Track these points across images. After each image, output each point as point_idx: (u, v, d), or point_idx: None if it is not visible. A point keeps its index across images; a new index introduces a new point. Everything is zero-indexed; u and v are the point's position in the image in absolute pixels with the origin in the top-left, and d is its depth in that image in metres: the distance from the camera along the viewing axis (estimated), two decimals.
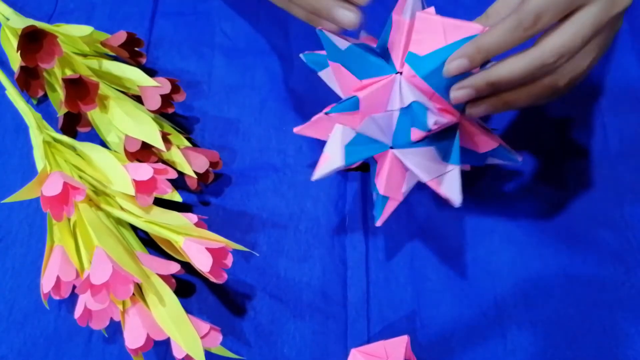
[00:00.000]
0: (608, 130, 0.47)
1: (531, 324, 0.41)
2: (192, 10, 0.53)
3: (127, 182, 0.39)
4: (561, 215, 0.44)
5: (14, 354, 0.40)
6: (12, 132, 0.47)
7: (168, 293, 0.37)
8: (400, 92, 0.34)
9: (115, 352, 0.40)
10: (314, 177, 0.38)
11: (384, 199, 0.38)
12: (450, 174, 0.36)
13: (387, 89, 0.34)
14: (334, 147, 0.38)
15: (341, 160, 0.37)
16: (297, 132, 0.40)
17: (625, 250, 0.43)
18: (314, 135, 0.40)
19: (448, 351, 0.40)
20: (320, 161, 0.38)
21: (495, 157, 0.38)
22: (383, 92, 0.34)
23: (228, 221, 0.44)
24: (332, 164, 0.37)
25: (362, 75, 0.35)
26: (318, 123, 0.39)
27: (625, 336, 0.41)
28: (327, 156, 0.38)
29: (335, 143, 0.38)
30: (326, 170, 0.37)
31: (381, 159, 0.37)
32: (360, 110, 0.34)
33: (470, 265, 0.43)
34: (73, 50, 0.46)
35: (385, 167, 0.36)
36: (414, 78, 0.34)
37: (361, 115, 0.35)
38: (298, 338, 0.41)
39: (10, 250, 0.43)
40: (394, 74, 0.34)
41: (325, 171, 0.37)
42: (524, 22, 0.30)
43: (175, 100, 0.45)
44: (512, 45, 0.31)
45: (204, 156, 0.43)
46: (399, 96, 0.34)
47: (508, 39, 0.31)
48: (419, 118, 0.32)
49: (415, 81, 0.34)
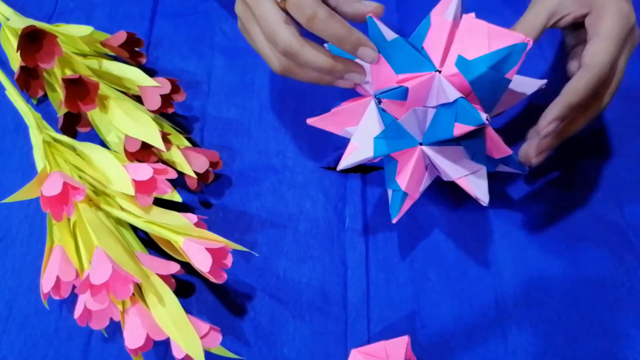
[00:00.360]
0: (608, 130, 0.47)
1: (531, 324, 0.41)
2: (192, 10, 0.53)
3: (127, 182, 0.39)
4: (561, 216, 0.44)
5: (15, 354, 0.40)
6: (12, 132, 0.47)
7: (168, 293, 0.37)
8: (439, 89, 0.35)
9: (114, 352, 0.40)
10: (340, 167, 0.38)
11: (403, 195, 0.38)
12: (478, 174, 0.37)
13: (427, 85, 0.35)
14: (362, 138, 0.38)
15: (370, 151, 0.37)
16: (311, 124, 0.40)
17: (625, 250, 0.43)
18: (328, 127, 0.40)
19: (448, 351, 0.40)
20: (347, 151, 0.38)
21: (506, 165, 0.40)
22: (424, 88, 0.35)
23: (228, 221, 0.44)
24: (360, 155, 0.38)
25: (402, 69, 0.35)
26: (335, 116, 0.40)
27: (626, 337, 0.41)
28: (355, 146, 0.38)
29: (363, 134, 0.38)
30: (354, 160, 0.38)
31: (406, 156, 0.37)
32: (407, 102, 0.35)
33: (470, 265, 0.43)
34: (73, 50, 0.46)
35: (411, 164, 0.37)
36: (453, 77, 0.34)
37: (407, 106, 0.35)
38: (298, 338, 0.41)
39: (10, 250, 0.43)
40: (433, 71, 0.35)
41: (352, 161, 0.38)
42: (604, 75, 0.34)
43: (175, 100, 0.45)
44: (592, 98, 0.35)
45: (204, 156, 0.43)
46: (436, 93, 0.35)
47: (592, 93, 0.34)
48: (469, 112, 0.33)
49: (454, 80, 0.34)
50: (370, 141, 0.37)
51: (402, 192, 0.38)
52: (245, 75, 0.50)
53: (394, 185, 0.38)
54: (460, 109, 0.33)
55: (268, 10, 0.34)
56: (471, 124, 0.33)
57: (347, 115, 0.39)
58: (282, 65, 0.37)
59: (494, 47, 0.34)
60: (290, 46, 0.34)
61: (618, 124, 0.48)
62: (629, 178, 0.46)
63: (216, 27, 0.52)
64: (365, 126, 0.38)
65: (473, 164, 0.37)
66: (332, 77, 0.37)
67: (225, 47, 0.51)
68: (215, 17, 0.52)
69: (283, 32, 0.34)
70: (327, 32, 0.34)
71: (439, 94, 0.35)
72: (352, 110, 0.39)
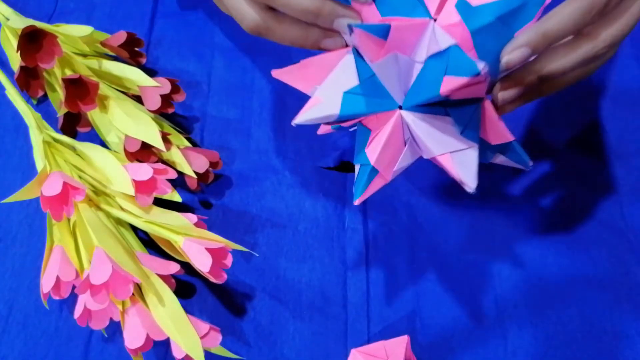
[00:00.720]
0: (607, 130, 0.47)
1: (531, 324, 0.41)
2: (192, 10, 0.53)
3: (127, 182, 0.39)
4: (561, 215, 0.44)
5: (15, 354, 0.40)
6: (12, 132, 0.47)
7: (168, 293, 0.37)
8: (431, 40, 0.28)
9: (114, 352, 0.40)
10: (295, 121, 0.31)
11: (371, 172, 0.31)
12: (467, 153, 0.30)
13: (417, 33, 0.28)
14: (329, 90, 0.31)
15: (336, 107, 0.30)
16: (276, 76, 0.33)
17: (625, 250, 0.43)
18: (295, 83, 0.33)
19: (448, 351, 0.40)
20: (308, 104, 0.31)
21: (505, 155, 0.33)
22: (412, 34, 0.28)
23: (228, 221, 0.44)
24: (323, 109, 0.30)
25: (388, 10, 0.29)
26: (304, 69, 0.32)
27: (626, 337, 0.41)
28: (319, 99, 0.31)
29: (332, 86, 0.31)
30: (313, 116, 0.30)
31: (381, 122, 0.31)
32: (387, 42, 0.28)
33: (470, 265, 0.43)
34: (73, 50, 0.46)
35: (385, 132, 0.30)
36: (453, 28, 0.28)
37: (386, 47, 0.28)
38: (298, 338, 0.41)
39: (10, 250, 0.43)
40: (427, 18, 0.28)
41: (312, 116, 0.30)
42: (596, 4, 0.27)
43: (175, 100, 0.45)
44: (578, 30, 0.28)
45: (204, 156, 0.43)
46: (427, 45, 0.28)
47: (576, 24, 0.28)
48: (462, 61, 0.26)
49: (453, 31, 0.28)
50: (338, 95, 0.30)
51: (370, 167, 0.31)
52: (245, 75, 0.50)
53: (362, 158, 0.31)
54: (453, 57, 0.27)
55: None
56: (464, 74, 0.26)
57: (319, 69, 0.31)
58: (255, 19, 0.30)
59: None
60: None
61: (618, 124, 0.48)
62: (629, 178, 0.46)
63: (216, 27, 0.52)
64: (337, 78, 0.31)
65: (462, 140, 0.30)
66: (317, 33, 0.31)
67: (225, 47, 0.51)
68: (216, 17, 0.52)
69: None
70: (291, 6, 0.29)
71: (430, 46, 0.28)
72: (324, 63, 0.31)
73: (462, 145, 0.30)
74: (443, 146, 0.30)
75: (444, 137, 0.30)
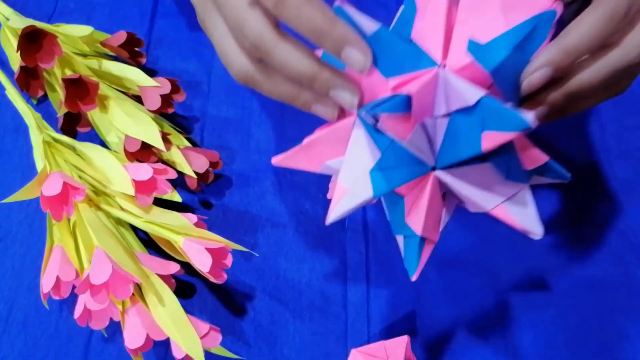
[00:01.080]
0: (607, 131, 0.47)
1: (531, 324, 0.41)
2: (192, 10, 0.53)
3: (127, 182, 0.39)
4: (561, 216, 0.44)
5: (15, 354, 0.40)
6: (12, 132, 0.47)
7: (168, 293, 0.37)
8: (447, 90, 0.25)
9: (114, 352, 0.40)
10: (329, 219, 0.28)
11: (421, 242, 0.29)
12: (520, 196, 0.28)
13: (432, 88, 0.25)
14: (352, 175, 0.27)
15: (368, 190, 0.27)
16: (277, 164, 0.31)
17: (625, 250, 0.43)
18: (301, 166, 0.30)
19: (448, 352, 0.40)
20: (337, 196, 0.28)
21: (542, 175, 0.30)
22: (429, 91, 0.25)
23: (228, 221, 0.44)
24: (355, 198, 0.27)
25: (391, 70, 0.26)
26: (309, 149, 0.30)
27: (626, 337, 0.41)
28: (345, 188, 0.27)
29: (354, 169, 0.27)
30: (348, 207, 0.27)
31: (416, 188, 0.28)
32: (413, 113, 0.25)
33: (470, 265, 0.43)
34: (73, 50, 0.46)
35: (425, 198, 0.27)
36: (464, 71, 0.25)
37: (413, 120, 0.25)
38: (298, 338, 0.41)
39: (10, 250, 0.43)
40: (434, 67, 0.25)
41: (346, 208, 0.27)
42: (618, 12, 0.25)
43: (175, 100, 0.45)
44: (602, 42, 0.26)
45: (204, 156, 0.43)
46: (444, 97, 0.26)
47: (599, 36, 0.26)
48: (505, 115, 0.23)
49: (466, 74, 0.25)
50: (365, 177, 0.27)
51: (418, 238, 0.29)
52: None
53: (405, 230, 0.29)
54: (489, 111, 0.24)
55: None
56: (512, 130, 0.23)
57: (325, 146, 0.29)
58: (244, 69, 0.28)
59: (513, 22, 0.25)
60: (262, 38, 0.25)
61: (618, 124, 0.48)
62: (629, 178, 0.46)
63: None
64: (354, 158, 0.28)
65: (510, 185, 0.27)
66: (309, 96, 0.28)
67: None
68: None
69: (253, 20, 0.25)
70: (301, 21, 0.25)
71: (448, 97, 0.25)
72: (330, 138, 0.29)
73: (512, 191, 0.28)
74: (493, 198, 0.28)
75: (491, 188, 0.27)
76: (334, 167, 0.29)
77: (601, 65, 0.27)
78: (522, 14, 0.25)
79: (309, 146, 0.29)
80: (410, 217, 0.29)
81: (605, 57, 0.27)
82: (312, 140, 0.29)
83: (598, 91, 0.28)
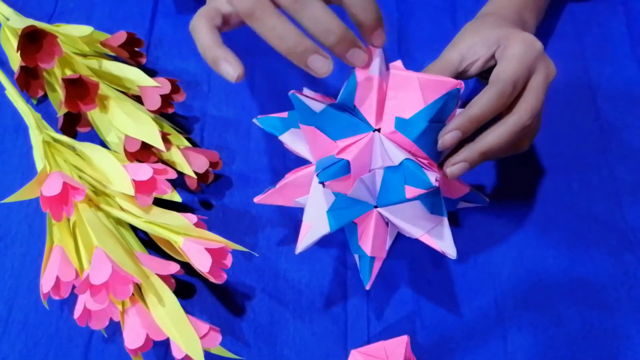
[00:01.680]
0: (607, 131, 0.47)
1: (531, 324, 0.41)
2: (192, 10, 0.53)
3: (127, 182, 0.39)
4: (561, 216, 0.44)
5: (15, 354, 0.40)
6: (12, 132, 0.47)
7: (167, 293, 0.37)
8: (381, 150, 0.34)
9: (114, 352, 0.40)
10: (298, 250, 0.36)
11: (371, 260, 0.37)
12: (440, 226, 0.36)
13: (368, 149, 0.33)
14: (313, 214, 0.36)
15: (326, 226, 0.35)
16: (259, 202, 0.38)
17: (625, 250, 0.43)
18: (277, 202, 0.38)
19: (448, 352, 0.40)
20: (302, 231, 0.36)
21: (466, 201, 0.39)
22: (366, 152, 0.33)
23: (228, 221, 0.44)
24: (316, 233, 0.35)
25: (337, 135, 0.34)
26: (282, 190, 0.38)
27: (626, 337, 0.40)
28: (309, 225, 0.36)
29: (314, 210, 0.36)
30: (311, 241, 0.36)
31: (364, 220, 0.36)
32: (352, 174, 0.33)
33: (470, 266, 0.43)
34: (73, 50, 0.46)
35: (371, 228, 0.36)
36: (393, 135, 0.33)
37: (352, 178, 0.33)
38: (298, 339, 0.41)
39: (9, 250, 0.43)
40: (370, 132, 0.33)
41: (309, 241, 0.36)
42: (505, 90, 0.34)
43: (175, 100, 0.45)
44: (496, 112, 0.35)
45: (204, 156, 0.43)
46: (380, 154, 0.34)
47: (493, 107, 0.34)
48: (417, 175, 0.32)
49: (395, 137, 0.33)
50: (323, 216, 0.35)
51: (368, 257, 0.36)
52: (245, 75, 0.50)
53: (359, 251, 0.37)
54: (407, 171, 0.32)
55: None
56: (422, 187, 0.31)
57: (294, 188, 0.37)
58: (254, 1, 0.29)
59: (429, 99, 0.33)
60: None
61: (617, 125, 0.48)
62: (629, 178, 0.46)
63: None
64: (314, 200, 0.36)
65: (433, 219, 0.35)
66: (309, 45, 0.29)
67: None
68: None
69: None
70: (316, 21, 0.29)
71: (382, 155, 0.34)
72: (298, 182, 0.37)
73: (434, 223, 0.35)
74: (420, 229, 0.35)
75: (418, 220, 0.35)
76: (301, 202, 0.38)
77: (502, 129, 0.35)
78: (436, 92, 0.33)
79: (281, 189, 0.37)
80: (362, 241, 0.36)
81: (505, 122, 0.35)
82: (284, 184, 0.37)
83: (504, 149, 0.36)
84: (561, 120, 0.48)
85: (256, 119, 0.38)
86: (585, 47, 0.52)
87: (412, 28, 0.36)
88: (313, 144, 0.35)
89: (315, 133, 0.34)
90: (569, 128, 0.48)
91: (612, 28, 0.52)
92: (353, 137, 0.34)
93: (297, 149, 0.38)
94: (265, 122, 0.38)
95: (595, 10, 0.53)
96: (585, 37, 0.52)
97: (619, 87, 0.48)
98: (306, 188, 0.37)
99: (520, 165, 0.46)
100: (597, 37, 0.52)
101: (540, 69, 0.36)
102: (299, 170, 0.38)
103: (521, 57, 0.35)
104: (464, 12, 0.52)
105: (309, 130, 0.34)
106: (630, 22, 0.51)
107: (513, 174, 0.45)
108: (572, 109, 0.48)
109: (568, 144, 0.47)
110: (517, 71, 0.35)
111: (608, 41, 0.51)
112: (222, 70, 0.31)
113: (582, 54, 0.51)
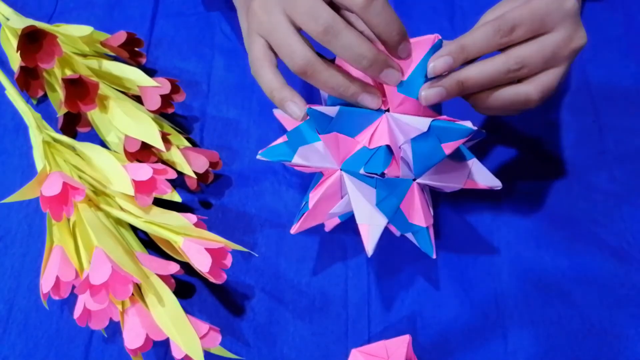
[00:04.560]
0: (605, 132, 0.47)
1: (532, 324, 0.41)
2: (192, 10, 0.53)
3: (127, 182, 0.39)
4: (561, 216, 0.44)
5: (16, 354, 0.40)
6: (12, 132, 0.47)
7: (167, 293, 0.37)
8: (398, 125, 0.34)
9: (114, 352, 0.40)
10: (369, 253, 0.36)
11: (427, 230, 0.37)
12: (475, 167, 0.36)
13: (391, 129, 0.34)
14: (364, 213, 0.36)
15: (382, 219, 0.36)
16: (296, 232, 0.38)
17: (625, 250, 0.43)
18: (314, 223, 0.38)
19: (449, 352, 0.40)
20: (364, 235, 0.36)
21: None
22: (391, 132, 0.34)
23: (227, 221, 0.44)
24: (377, 229, 0.36)
25: (356, 131, 0.35)
26: (315, 210, 0.37)
27: (626, 337, 0.40)
28: (366, 226, 0.36)
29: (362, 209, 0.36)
30: (376, 238, 0.36)
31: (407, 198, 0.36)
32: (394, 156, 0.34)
33: (471, 265, 0.43)
34: (73, 50, 0.46)
35: (417, 201, 0.36)
36: (401, 107, 0.34)
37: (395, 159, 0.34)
38: (298, 338, 0.41)
39: (9, 250, 0.43)
40: (382, 114, 0.34)
41: (375, 240, 0.36)
42: (502, 28, 0.33)
43: (175, 100, 0.45)
44: (489, 49, 0.34)
45: (204, 156, 0.43)
46: (399, 131, 0.34)
47: (487, 42, 0.33)
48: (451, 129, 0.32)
49: (404, 109, 0.34)
50: (373, 211, 0.36)
51: (425, 228, 0.37)
52: (245, 75, 0.50)
53: (411, 228, 0.37)
54: (440, 131, 0.32)
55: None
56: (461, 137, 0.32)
57: (325, 202, 0.37)
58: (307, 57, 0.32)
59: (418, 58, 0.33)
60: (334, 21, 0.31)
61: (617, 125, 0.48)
62: (628, 179, 0.46)
63: (216, 28, 0.52)
64: (356, 201, 0.36)
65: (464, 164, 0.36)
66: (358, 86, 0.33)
67: (225, 47, 0.51)
68: (216, 18, 0.52)
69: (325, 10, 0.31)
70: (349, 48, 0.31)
71: (403, 130, 0.34)
72: (327, 195, 0.37)
73: (468, 168, 0.36)
74: (460, 178, 0.36)
75: (454, 173, 0.36)
76: (335, 212, 0.38)
77: (487, 64, 0.34)
78: (421, 50, 0.33)
79: (315, 208, 0.37)
80: (412, 217, 0.37)
81: (493, 60, 0.34)
82: (315, 203, 0.37)
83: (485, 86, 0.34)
84: (561, 120, 0.48)
85: (260, 155, 0.37)
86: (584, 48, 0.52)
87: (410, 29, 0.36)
88: (335, 149, 0.35)
89: (337, 137, 0.35)
90: (568, 129, 0.48)
91: (610, 29, 0.52)
92: (369, 126, 0.35)
93: (313, 163, 0.36)
94: (270, 153, 0.37)
95: (594, 11, 0.53)
96: None
97: (617, 88, 0.48)
98: (335, 197, 0.37)
99: (520, 165, 0.46)
100: (596, 38, 0.52)
101: (561, 29, 0.34)
102: (321, 185, 0.37)
103: (536, 7, 0.34)
104: (462, 13, 0.52)
105: (331, 137, 0.35)
106: (628, 22, 0.51)
107: (513, 175, 0.45)
108: (571, 110, 0.48)
109: (567, 144, 0.47)
110: (521, 16, 0.33)
111: (607, 42, 0.51)
112: (288, 110, 0.34)
113: (580, 55, 0.51)
